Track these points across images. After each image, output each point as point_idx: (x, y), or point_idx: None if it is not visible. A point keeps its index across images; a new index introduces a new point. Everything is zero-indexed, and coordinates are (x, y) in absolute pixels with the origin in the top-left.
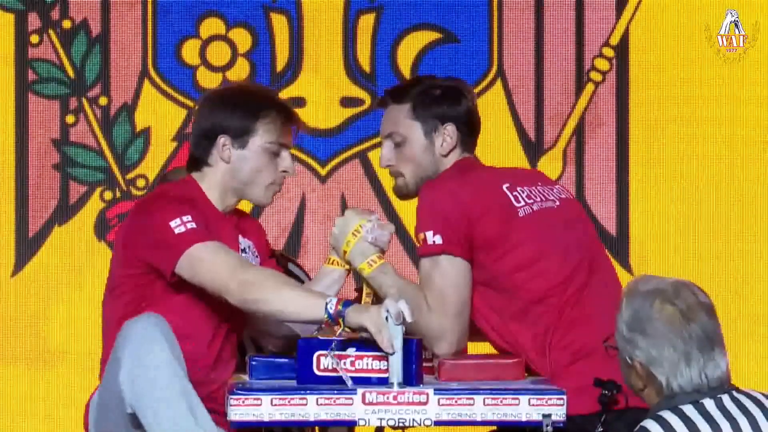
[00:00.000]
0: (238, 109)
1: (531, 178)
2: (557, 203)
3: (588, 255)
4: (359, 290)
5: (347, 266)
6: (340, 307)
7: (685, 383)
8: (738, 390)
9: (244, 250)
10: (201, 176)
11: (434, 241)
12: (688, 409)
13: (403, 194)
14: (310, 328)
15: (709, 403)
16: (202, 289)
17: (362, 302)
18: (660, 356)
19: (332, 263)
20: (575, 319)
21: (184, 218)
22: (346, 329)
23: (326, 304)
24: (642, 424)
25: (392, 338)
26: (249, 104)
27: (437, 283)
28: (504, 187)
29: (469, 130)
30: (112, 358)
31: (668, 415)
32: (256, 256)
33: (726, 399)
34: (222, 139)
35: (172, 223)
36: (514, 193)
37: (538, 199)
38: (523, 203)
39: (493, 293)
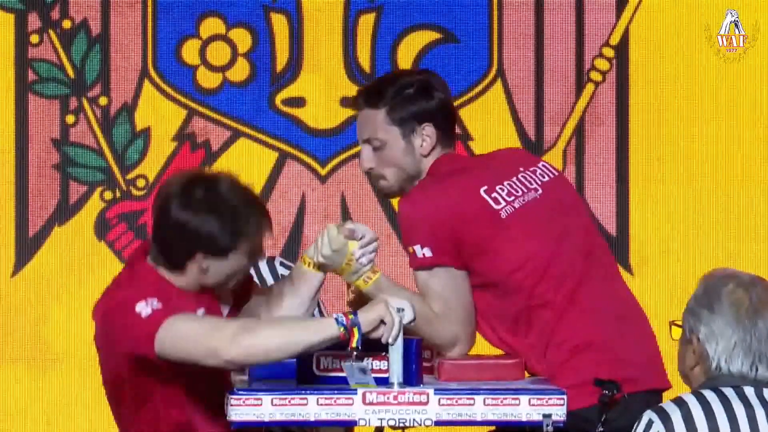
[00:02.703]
0: (220, 231)
1: (510, 168)
2: (540, 191)
3: (579, 243)
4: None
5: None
6: (351, 317)
7: (735, 369)
8: None
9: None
10: (170, 273)
11: (424, 254)
12: (728, 392)
13: (388, 195)
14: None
15: (749, 390)
16: (193, 370)
17: (347, 297)
18: (719, 335)
19: (309, 265)
20: (571, 314)
21: (149, 300)
22: (358, 347)
23: (336, 318)
24: (680, 395)
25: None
26: (231, 225)
27: (438, 292)
28: (482, 191)
29: (446, 124)
30: None
31: (707, 393)
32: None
33: (767, 391)
34: (200, 255)
35: (137, 308)
36: (493, 194)
37: (519, 193)
38: (503, 203)
39: (488, 296)
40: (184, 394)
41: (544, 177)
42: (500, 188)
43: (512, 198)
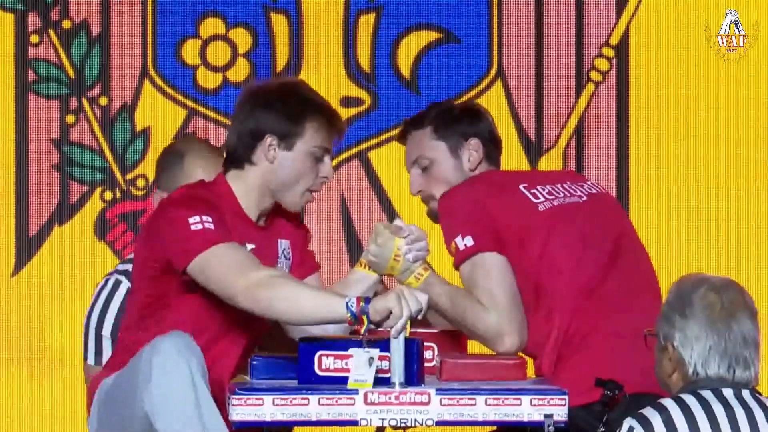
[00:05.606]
0: (288, 111)
1: (556, 178)
2: (584, 198)
3: (611, 248)
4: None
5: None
6: (362, 304)
7: (713, 373)
8: (760, 393)
9: (284, 253)
10: (238, 175)
11: (465, 244)
12: (707, 394)
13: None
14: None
15: (728, 392)
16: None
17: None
18: (693, 340)
19: (365, 268)
20: (584, 313)
21: (204, 217)
22: (369, 329)
23: (347, 302)
24: (660, 401)
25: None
26: (299, 106)
27: (482, 284)
28: (521, 186)
29: (492, 144)
30: (136, 367)
31: (687, 397)
32: (288, 258)
33: (746, 393)
34: (269, 139)
35: (191, 220)
36: (532, 191)
37: (561, 195)
38: (542, 199)
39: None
40: (199, 308)
41: (592, 189)
42: (541, 187)
43: (552, 197)
